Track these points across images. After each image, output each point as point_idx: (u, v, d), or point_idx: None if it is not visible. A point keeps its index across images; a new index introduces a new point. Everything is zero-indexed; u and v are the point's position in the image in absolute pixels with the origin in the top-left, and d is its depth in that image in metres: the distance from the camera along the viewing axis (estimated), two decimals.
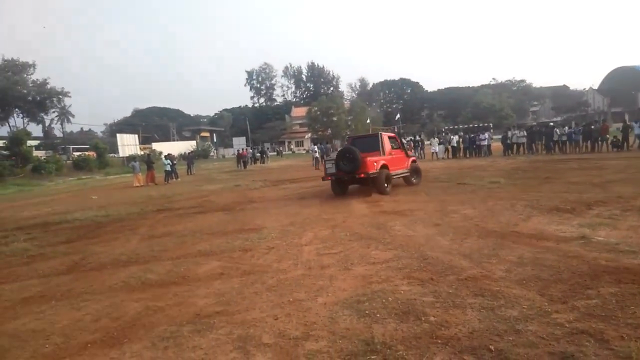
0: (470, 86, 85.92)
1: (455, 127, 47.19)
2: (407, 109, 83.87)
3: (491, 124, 43.74)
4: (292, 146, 76.50)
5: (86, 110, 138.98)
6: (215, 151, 70.55)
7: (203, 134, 77.80)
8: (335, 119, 58.69)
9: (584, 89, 76.40)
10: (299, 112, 77.34)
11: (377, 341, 3.26)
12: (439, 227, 7.04)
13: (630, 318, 3.32)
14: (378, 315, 3.75)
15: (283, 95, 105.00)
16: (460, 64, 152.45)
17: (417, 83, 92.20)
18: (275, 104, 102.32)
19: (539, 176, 13.07)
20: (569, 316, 3.43)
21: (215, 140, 77.72)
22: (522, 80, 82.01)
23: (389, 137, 13.03)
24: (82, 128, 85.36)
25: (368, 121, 49.63)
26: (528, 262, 4.84)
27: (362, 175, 11.18)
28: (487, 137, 25.29)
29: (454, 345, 3.11)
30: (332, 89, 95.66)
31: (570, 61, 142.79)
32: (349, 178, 11.54)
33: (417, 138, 31.30)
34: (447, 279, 4.52)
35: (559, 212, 7.54)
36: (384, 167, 11.65)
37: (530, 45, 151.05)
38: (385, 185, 11.37)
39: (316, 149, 27.89)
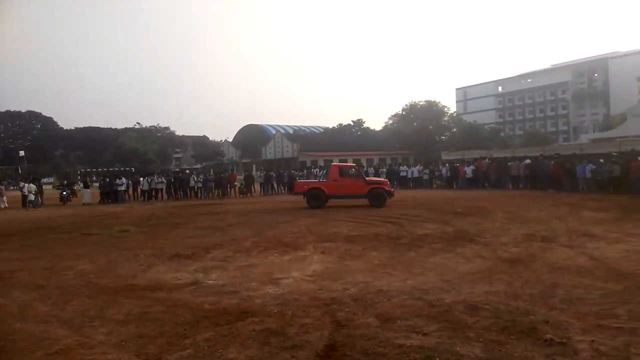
0: (114, 128, 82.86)
1: (95, 170, 43.97)
2: (37, 146, 71.77)
3: (134, 169, 43.19)
4: None
5: None
6: None
7: None
8: None
9: (221, 140, 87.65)
10: None
11: None
12: (43, 289, 5.93)
13: None
14: None
15: None
16: (103, 104, 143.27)
17: (51, 118, 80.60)
18: None
19: (171, 222, 13.53)
20: None
21: None
22: (167, 128, 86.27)
23: (343, 168, 16.75)
24: None
25: None
26: (134, 319, 4.62)
27: (293, 192, 17.67)
28: (123, 182, 24.36)
29: None
30: None
31: (210, 115, 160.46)
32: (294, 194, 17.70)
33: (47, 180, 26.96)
34: (30, 358, 3.68)
35: (179, 258, 7.86)
36: (316, 189, 16.10)
37: (173, 95, 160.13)
38: (313, 201, 15.82)
39: None
